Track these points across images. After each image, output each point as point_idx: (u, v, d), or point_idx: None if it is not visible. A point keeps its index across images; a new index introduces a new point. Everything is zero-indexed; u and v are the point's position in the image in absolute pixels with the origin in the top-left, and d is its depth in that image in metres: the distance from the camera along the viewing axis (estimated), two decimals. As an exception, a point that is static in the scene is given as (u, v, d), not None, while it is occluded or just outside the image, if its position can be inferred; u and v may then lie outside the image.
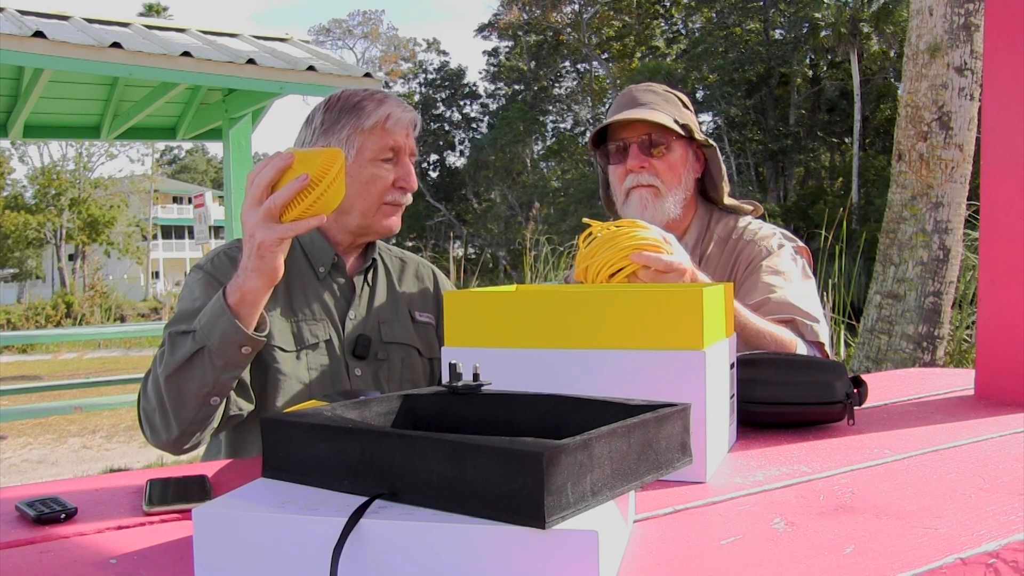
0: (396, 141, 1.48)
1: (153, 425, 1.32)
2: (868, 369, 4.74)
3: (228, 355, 1.23)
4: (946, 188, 4.58)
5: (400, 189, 1.51)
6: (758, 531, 0.81)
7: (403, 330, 1.57)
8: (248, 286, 1.20)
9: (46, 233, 34.98)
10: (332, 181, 1.14)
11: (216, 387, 1.26)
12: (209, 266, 1.48)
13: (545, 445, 0.61)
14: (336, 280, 1.55)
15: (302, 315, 1.48)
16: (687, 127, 1.71)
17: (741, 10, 30.42)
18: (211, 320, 1.23)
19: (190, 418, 1.28)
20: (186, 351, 1.24)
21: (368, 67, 10.23)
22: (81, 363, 13.76)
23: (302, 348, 1.46)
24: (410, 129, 1.50)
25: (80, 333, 9.43)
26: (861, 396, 1.27)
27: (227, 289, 1.23)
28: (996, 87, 1.56)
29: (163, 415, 1.29)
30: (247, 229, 1.18)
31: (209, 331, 1.23)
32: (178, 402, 1.27)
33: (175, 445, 1.32)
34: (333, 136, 1.49)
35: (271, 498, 0.72)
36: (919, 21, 4.67)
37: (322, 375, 1.46)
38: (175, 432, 1.29)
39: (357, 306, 1.54)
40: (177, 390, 1.26)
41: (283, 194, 1.13)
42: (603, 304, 1.00)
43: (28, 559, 0.79)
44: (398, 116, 1.48)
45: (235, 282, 1.22)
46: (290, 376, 1.43)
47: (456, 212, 37.55)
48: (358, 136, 1.47)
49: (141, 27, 5.24)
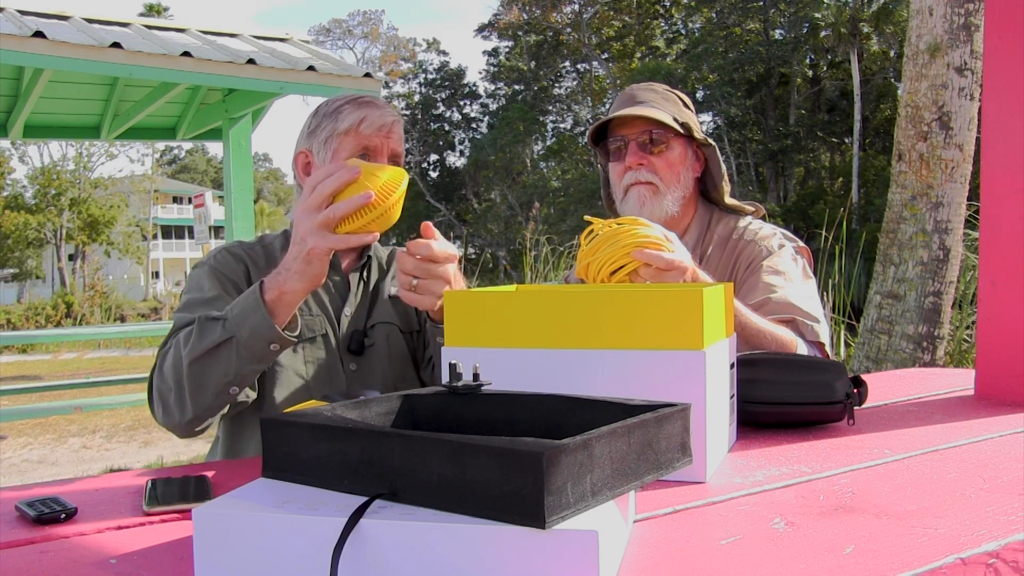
0: (369, 143, 1.49)
1: (166, 405, 1.33)
2: (868, 369, 4.74)
3: (256, 349, 1.25)
4: (946, 188, 4.58)
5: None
6: (758, 531, 0.81)
7: (384, 310, 1.60)
8: (289, 287, 1.23)
9: (46, 233, 34.97)
10: (395, 202, 1.16)
11: (238, 378, 1.28)
12: (213, 261, 1.51)
13: (545, 445, 0.61)
14: (332, 278, 1.58)
15: (300, 310, 1.51)
16: (687, 125, 1.71)
17: (741, 10, 30.41)
18: (244, 313, 1.25)
19: (207, 404, 1.30)
20: (215, 338, 1.26)
21: (368, 67, 10.23)
22: (81, 363, 13.75)
23: (300, 342, 1.48)
24: (388, 131, 1.51)
25: (80, 333, 9.43)
26: (861, 396, 1.27)
27: (265, 285, 1.25)
28: (996, 87, 1.56)
29: (179, 397, 1.30)
30: (300, 232, 1.20)
31: (241, 323, 1.25)
32: (198, 388, 1.28)
33: (186, 427, 1.34)
34: (314, 140, 1.53)
35: (271, 498, 0.72)
36: (919, 21, 4.67)
37: (319, 369, 1.49)
38: (189, 415, 1.31)
39: (352, 302, 1.57)
40: (200, 375, 1.28)
41: (344, 207, 1.15)
42: (603, 304, 1.00)
43: (28, 559, 0.79)
44: (372, 119, 1.49)
45: (275, 280, 1.24)
46: (288, 368, 1.46)
47: (456, 212, 37.56)
48: (335, 139, 1.50)
49: (141, 27, 5.24)
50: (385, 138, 1.50)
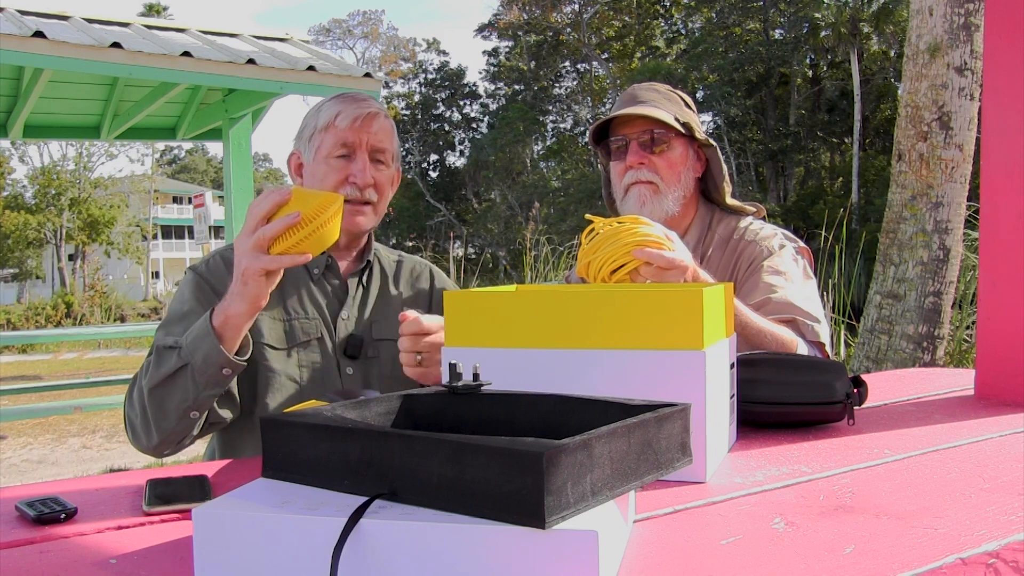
0: (347, 137, 1.50)
1: (135, 430, 1.37)
2: (868, 369, 4.74)
3: (209, 375, 1.27)
4: (946, 188, 4.58)
5: (352, 184, 1.51)
6: (758, 531, 0.81)
7: (393, 328, 1.58)
8: (232, 310, 1.24)
9: (46, 233, 34.97)
10: (324, 223, 1.16)
11: (196, 403, 1.30)
12: (203, 267, 1.51)
13: (545, 445, 0.61)
14: (330, 281, 1.57)
15: (294, 313, 1.51)
16: (688, 125, 1.71)
17: (741, 10, 30.41)
18: (196, 339, 1.27)
19: (170, 428, 1.33)
20: (170, 367, 1.28)
21: (368, 67, 10.22)
22: (81, 363, 13.75)
23: (293, 346, 1.48)
24: (364, 124, 1.50)
25: (80, 333, 9.44)
26: (861, 396, 1.27)
27: (214, 310, 1.27)
28: (996, 87, 1.56)
29: (144, 423, 1.34)
30: (237, 254, 1.21)
31: (193, 350, 1.26)
32: (159, 414, 1.31)
33: (155, 450, 1.37)
34: (301, 139, 1.55)
35: (271, 498, 0.72)
36: (919, 21, 4.67)
37: (313, 373, 1.49)
38: (155, 440, 1.34)
39: (350, 306, 1.57)
40: (159, 403, 1.30)
41: (272, 228, 1.16)
42: (603, 304, 1.00)
43: (28, 559, 0.79)
44: (347, 112, 1.50)
45: (221, 305, 1.26)
46: (280, 373, 1.46)
47: (456, 212, 37.55)
48: (317, 136, 1.52)
49: (141, 27, 5.24)
50: (361, 131, 1.50)
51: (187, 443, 1.38)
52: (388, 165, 1.56)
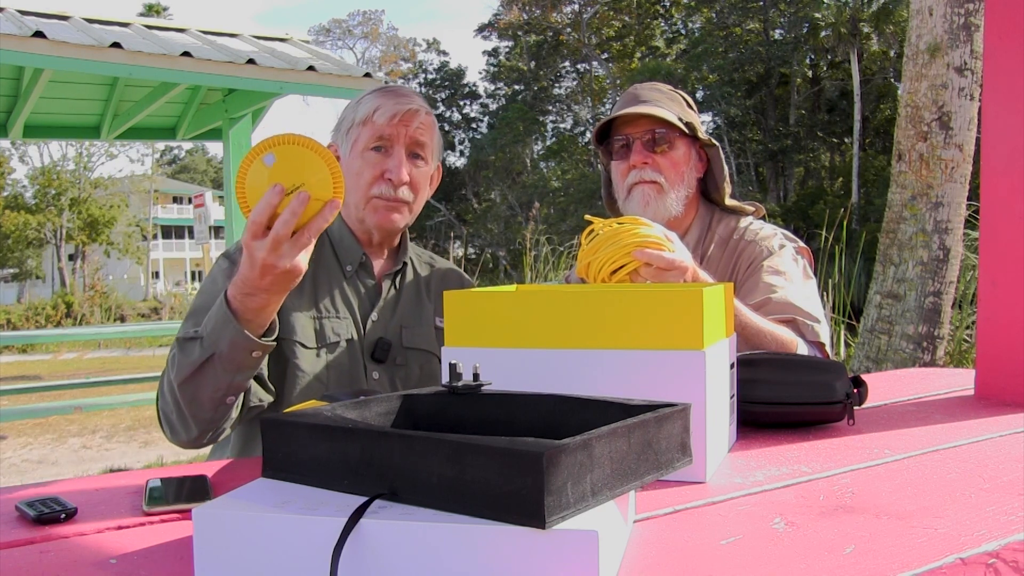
0: (384, 131, 1.46)
1: (172, 425, 1.32)
2: (868, 369, 4.74)
3: (239, 360, 1.22)
4: (946, 188, 4.58)
5: (387, 181, 1.47)
6: (758, 531, 0.81)
7: (424, 336, 1.56)
8: (262, 302, 1.17)
9: (46, 233, 34.97)
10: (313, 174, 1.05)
11: (231, 388, 1.25)
12: (237, 254, 1.42)
13: (545, 445, 0.61)
14: (363, 280, 1.54)
15: (326, 312, 1.47)
16: (691, 125, 1.71)
17: (741, 10, 30.40)
18: (217, 327, 1.20)
19: (208, 418, 1.28)
20: (196, 359, 1.22)
21: (368, 67, 10.23)
22: (81, 363, 13.75)
23: (322, 346, 1.45)
24: (404, 120, 1.46)
25: (80, 333, 9.42)
26: (861, 396, 1.27)
27: (229, 296, 1.20)
28: (996, 87, 1.56)
29: (181, 417, 1.29)
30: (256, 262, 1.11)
31: (216, 338, 1.20)
32: (194, 406, 1.26)
33: (195, 442, 1.32)
34: (340, 131, 1.52)
35: (271, 498, 0.72)
36: (919, 21, 4.67)
37: (340, 375, 1.45)
38: (194, 432, 1.30)
39: (381, 308, 1.53)
40: (192, 395, 1.25)
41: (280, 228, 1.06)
42: (603, 304, 1.00)
43: (28, 559, 0.79)
44: (386, 107, 1.46)
45: (245, 296, 1.18)
46: (308, 373, 1.42)
47: (456, 212, 37.53)
48: (355, 129, 1.49)
49: (141, 27, 5.24)
50: (400, 126, 1.46)
51: (227, 430, 1.33)
52: (427, 162, 1.52)
